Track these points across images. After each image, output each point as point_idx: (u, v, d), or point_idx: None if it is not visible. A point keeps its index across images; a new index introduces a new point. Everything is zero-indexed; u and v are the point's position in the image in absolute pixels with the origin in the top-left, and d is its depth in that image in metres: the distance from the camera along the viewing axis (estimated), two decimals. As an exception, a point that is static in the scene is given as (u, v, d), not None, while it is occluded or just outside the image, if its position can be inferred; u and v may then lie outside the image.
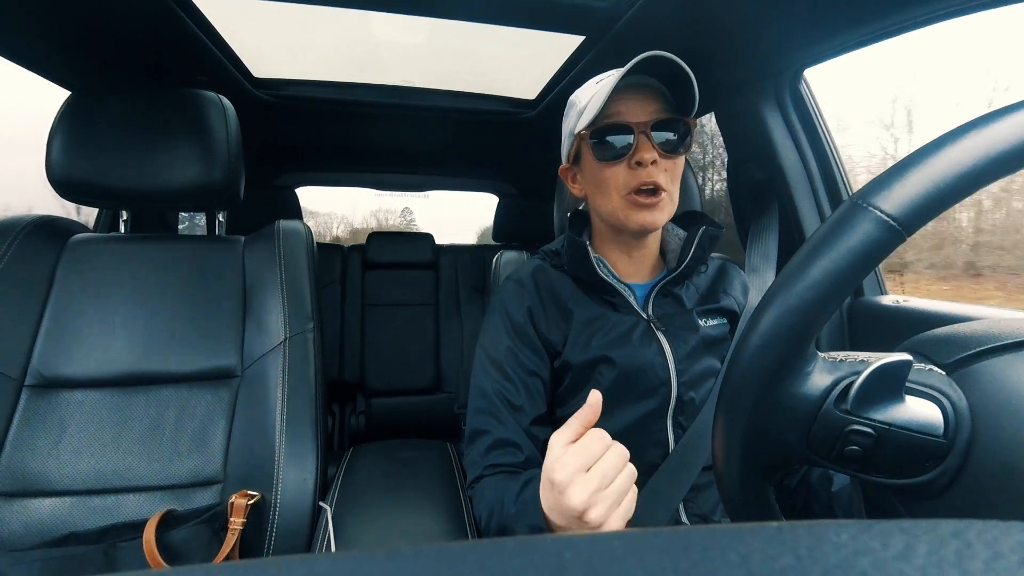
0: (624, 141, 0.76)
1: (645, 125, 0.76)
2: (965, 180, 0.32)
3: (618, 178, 0.78)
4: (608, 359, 0.80)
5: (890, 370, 0.35)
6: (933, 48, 1.05)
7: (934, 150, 0.33)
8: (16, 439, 0.87)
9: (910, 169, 0.33)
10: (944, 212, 0.33)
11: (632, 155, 0.76)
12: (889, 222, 0.33)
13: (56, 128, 0.97)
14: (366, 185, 2.76)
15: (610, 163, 0.78)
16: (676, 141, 0.78)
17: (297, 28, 1.27)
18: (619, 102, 0.76)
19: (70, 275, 0.98)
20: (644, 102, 0.77)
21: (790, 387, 0.37)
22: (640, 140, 0.76)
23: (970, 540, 0.15)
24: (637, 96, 0.77)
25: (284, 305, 1.02)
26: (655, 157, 0.75)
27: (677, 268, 0.84)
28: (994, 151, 0.32)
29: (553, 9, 1.08)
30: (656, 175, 0.76)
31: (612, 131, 0.77)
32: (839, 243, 0.34)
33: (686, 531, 0.17)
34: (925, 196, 0.32)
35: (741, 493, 0.41)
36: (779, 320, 0.36)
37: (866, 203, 0.34)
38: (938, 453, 0.35)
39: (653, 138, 0.76)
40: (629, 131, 0.76)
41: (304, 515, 0.90)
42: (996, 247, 1.51)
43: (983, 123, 0.32)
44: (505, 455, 0.78)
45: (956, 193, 0.32)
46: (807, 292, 0.35)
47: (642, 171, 0.76)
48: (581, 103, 0.81)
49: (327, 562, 0.16)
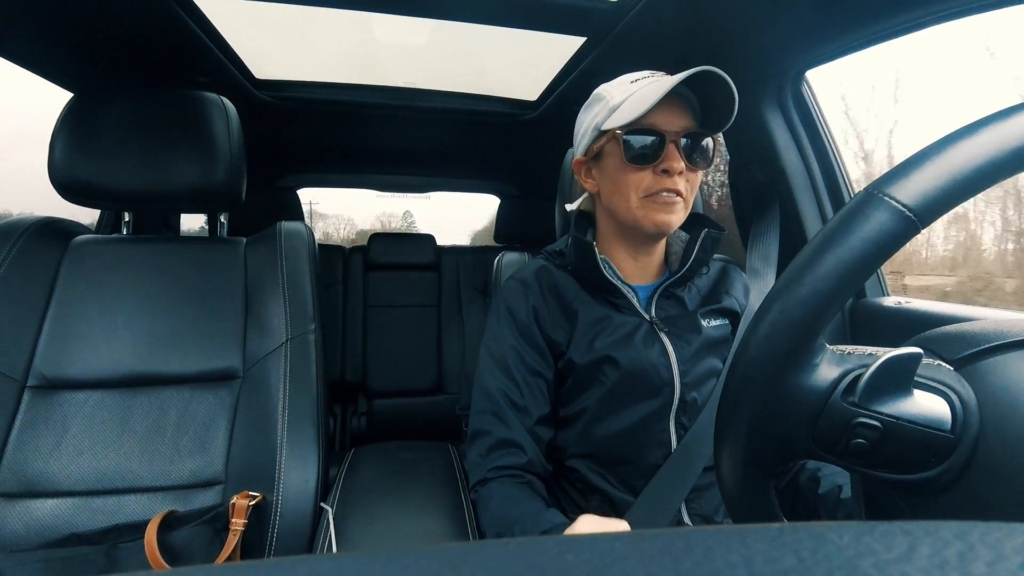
0: (655, 147, 0.77)
1: (677, 135, 0.77)
2: (981, 173, 0.32)
3: (642, 182, 0.78)
4: (612, 359, 0.80)
5: (899, 363, 0.35)
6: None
7: (951, 143, 0.33)
8: (18, 440, 0.87)
9: (927, 161, 0.33)
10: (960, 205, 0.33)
11: (661, 162, 0.77)
12: (905, 212, 0.33)
13: (58, 130, 0.97)
14: (368, 186, 2.77)
15: (637, 167, 0.78)
16: (703, 155, 0.79)
17: (299, 29, 1.27)
18: (654, 110, 0.76)
19: (72, 276, 0.98)
20: (677, 113, 0.78)
21: (797, 378, 0.37)
22: (670, 149, 0.77)
23: (973, 542, 0.15)
24: (671, 105, 0.77)
25: (286, 306, 1.02)
26: (682, 168, 0.77)
27: (680, 270, 0.85)
28: (1011, 146, 0.31)
29: (554, 10, 1.08)
30: (679, 184, 0.77)
31: (646, 136, 0.78)
32: (853, 232, 0.34)
33: (688, 532, 0.17)
34: (941, 188, 0.32)
35: (743, 490, 0.41)
36: (789, 309, 0.35)
37: (882, 193, 0.33)
38: (945, 448, 0.34)
39: (682, 149, 0.77)
40: (662, 138, 0.77)
41: (306, 516, 0.90)
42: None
43: (1001, 117, 0.32)
44: (508, 456, 0.78)
45: (972, 186, 0.32)
46: (819, 281, 0.34)
47: (667, 179, 0.77)
48: (613, 100, 0.80)
49: (329, 563, 0.16)
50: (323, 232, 4.70)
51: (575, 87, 1.45)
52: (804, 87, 1.20)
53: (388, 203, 3.75)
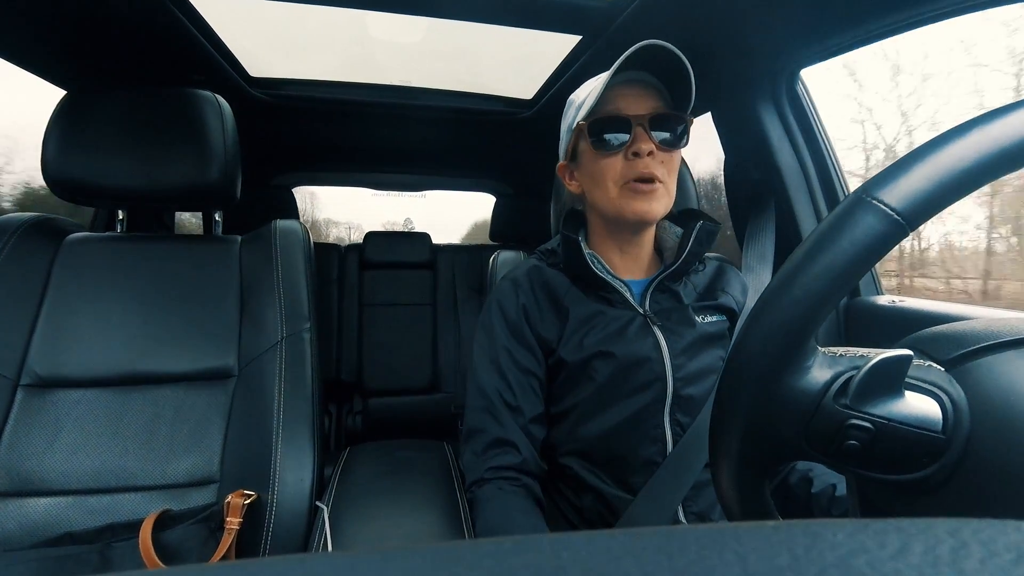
0: (621, 131, 0.78)
1: (643, 118, 0.77)
2: (969, 176, 0.32)
3: (615, 169, 0.79)
4: (603, 354, 0.80)
5: (890, 365, 0.35)
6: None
7: (938, 146, 0.33)
8: (11, 439, 0.86)
9: (914, 164, 0.33)
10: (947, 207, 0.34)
11: (629, 146, 0.77)
12: (893, 216, 0.33)
13: (52, 127, 0.96)
14: (363, 185, 2.76)
15: (607, 154, 0.79)
16: (673, 135, 0.79)
17: (294, 27, 1.26)
18: (618, 98, 0.78)
19: (66, 274, 0.98)
20: (642, 97, 0.78)
21: (790, 381, 0.37)
22: (637, 132, 0.77)
23: (965, 539, 0.15)
24: (635, 92, 0.78)
25: (281, 305, 1.02)
26: (652, 148, 0.76)
27: (674, 263, 0.85)
28: (997, 147, 0.32)
29: (550, 9, 1.08)
30: (653, 167, 0.77)
31: (610, 123, 0.78)
32: (842, 236, 0.34)
33: (683, 530, 0.17)
34: (929, 191, 0.33)
35: (737, 490, 0.41)
36: (781, 313, 0.36)
37: (870, 196, 0.34)
38: (936, 449, 0.35)
39: (651, 132, 0.77)
40: (627, 123, 0.77)
41: (301, 515, 0.90)
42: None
43: (987, 120, 0.32)
44: (503, 456, 0.79)
45: (960, 188, 0.33)
46: (810, 284, 0.35)
47: (639, 162, 0.77)
48: (580, 99, 0.82)
49: (324, 562, 0.16)
50: (336, 237, 4.86)
51: (570, 86, 1.44)
52: (799, 86, 1.21)
53: (391, 213, 3.81)
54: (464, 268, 2.41)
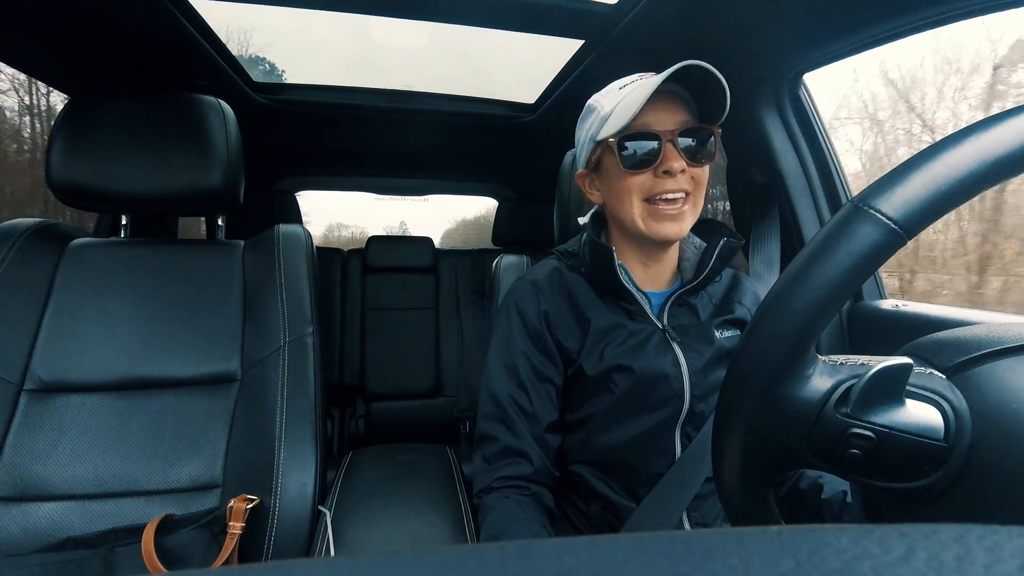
0: (651, 149, 0.75)
1: (672, 134, 0.74)
2: (965, 184, 0.32)
3: (643, 186, 0.76)
4: (623, 368, 0.78)
5: (891, 373, 0.35)
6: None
7: (935, 154, 0.33)
8: (15, 443, 0.87)
9: (911, 172, 0.33)
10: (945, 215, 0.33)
11: (659, 164, 0.74)
12: (890, 225, 0.33)
13: (56, 133, 0.97)
14: (365, 189, 2.76)
15: (636, 171, 0.76)
16: (703, 150, 0.76)
17: (298, 32, 1.27)
18: (645, 110, 0.73)
19: (70, 280, 0.98)
20: (671, 110, 0.75)
21: (790, 390, 0.37)
22: (667, 149, 0.74)
23: (970, 545, 0.15)
24: (663, 103, 0.75)
25: (283, 309, 1.02)
26: (683, 166, 0.74)
27: (695, 279, 0.82)
28: (994, 155, 0.32)
29: (553, 13, 1.08)
30: (683, 183, 0.75)
31: (639, 139, 0.75)
32: (839, 246, 0.34)
33: (686, 535, 0.17)
34: (925, 199, 0.32)
35: (741, 497, 0.41)
36: (779, 323, 0.36)
37: (867, 206, 0.34)
38: (938, 457, 0.34)
39: (680, 146, 0.74)
40: (656, 139, 0.74)
41: (303, 519, 0.90)
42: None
43: (983, 127, 0.32)
44: (514, 466, 0.77)
45: (956, 197, 0.33)
46: (808, 295, 0.35)
47: (669, 180, 0.75)
48: (604, 109, 0.78)
49: (326, 566, 0.16)
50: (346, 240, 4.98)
51: (573, 90, 1.45)
52: (802, 90, 1.21)
53: (391, 220, 3.83)
54: (466, 272, 2.41)
